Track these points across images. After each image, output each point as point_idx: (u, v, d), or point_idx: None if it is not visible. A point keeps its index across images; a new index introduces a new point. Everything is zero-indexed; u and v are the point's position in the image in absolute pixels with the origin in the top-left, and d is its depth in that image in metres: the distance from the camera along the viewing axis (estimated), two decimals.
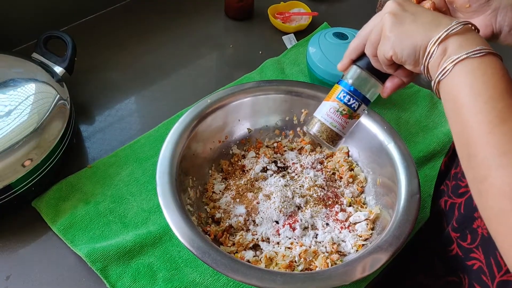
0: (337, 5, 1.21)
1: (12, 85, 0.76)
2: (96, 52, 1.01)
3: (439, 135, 0.90)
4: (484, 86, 0.44)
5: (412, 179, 0.70)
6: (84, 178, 0.79)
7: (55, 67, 0.85)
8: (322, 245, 0.70)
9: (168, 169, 0.69)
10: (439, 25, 0.49)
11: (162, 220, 0.74)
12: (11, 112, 0.73)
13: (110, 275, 0.68)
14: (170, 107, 0.91)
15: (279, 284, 0.58)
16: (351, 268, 0.60)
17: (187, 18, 1.12)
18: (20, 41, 0.99)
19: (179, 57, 1.03)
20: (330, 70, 0.89)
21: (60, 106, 0.77)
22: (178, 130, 0.74)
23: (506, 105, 0.43)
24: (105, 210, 0.75)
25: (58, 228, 0.72)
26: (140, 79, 0.98)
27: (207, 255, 0.60)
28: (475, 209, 0.58)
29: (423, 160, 0.86)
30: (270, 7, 1.12)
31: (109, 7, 1.11)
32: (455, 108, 0.47)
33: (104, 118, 0.90)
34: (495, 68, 0.45)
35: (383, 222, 0.70)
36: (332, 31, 0.95)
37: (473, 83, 0.45)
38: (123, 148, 0.84)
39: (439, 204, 0.68)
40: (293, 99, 0.82)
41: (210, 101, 0.78)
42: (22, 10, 0.96)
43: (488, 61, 0.46)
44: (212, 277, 0.69)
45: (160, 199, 0.65)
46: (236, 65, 1.03)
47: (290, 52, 1.05)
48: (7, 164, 0.69)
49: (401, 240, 0.63)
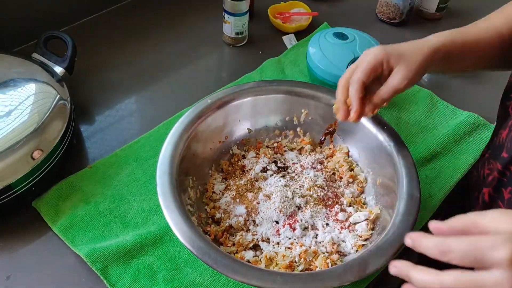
0: (337, 5, 1.21)
1: (12, 85, 0.77)
2: (96, 52, 1.01)
3: (439, 136, 0.90)
4: None
5: (412, 179, 0.70)
6: (84, 178, 0.79)
7: (55, 67, 0.85)
8: (322, 245, 0.70)
9: (168, 169, 0.69)
10: None
11: (162, 220, 0.74)
12: (11, 112, 0.73)
13: (110, 275, 0.68)
14: (170, 107, 0.91)
15: (280, 284, 0.58)
16: (351, 268, 0.60)
17: (187, 18, 1.12)
18: (20, 41, 0.99)
19: (179, 57, 1.03)
20: (330, 70, 0.90)
21: (60, 106, 0.77)
22: (178, 130, 0.74)
23: None
24: (105, 210, 0.75)
25: (58, 228, 0.72)
26: (140, 79, 0.98)
27: (207, 256, 0.60)
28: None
29: (423, 161, 0.86)
30: (270, 7, 1.12)
31: (109, 7, 1.11)
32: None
33: (104, 118, 0.90)
34: None
35: (383, 222, 0.70)
36: (332, 31, 0.95)
37: None
38: (123, 148, 0.84)
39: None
40: (293, 99, 0.82)
41: (210, 101, 0.78)
42: (22, 10, 0.96)
43: None
44: (212, 277, 0.69)
45: (161, 200, 0.65)
46: (236, 65, 1.03)
47: (290, 52, 1.05)
48: (7, 164, 0.69)
49: (401, 240, 0.63)
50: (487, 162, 0.69)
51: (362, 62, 0.67)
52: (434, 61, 0.67)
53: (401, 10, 1.13)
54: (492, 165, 0.66)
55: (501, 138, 0.66)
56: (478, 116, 0.93)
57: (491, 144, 0.71)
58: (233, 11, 1.00)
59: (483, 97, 0.99)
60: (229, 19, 1.01)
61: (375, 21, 1.17)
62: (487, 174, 0.67)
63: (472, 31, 0.69)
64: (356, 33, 0.95)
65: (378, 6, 1.17)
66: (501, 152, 0.64)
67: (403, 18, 1.14)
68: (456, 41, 0.68)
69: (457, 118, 0.93)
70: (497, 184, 0.64)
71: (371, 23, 1.16)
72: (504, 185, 0.62)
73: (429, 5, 1.16)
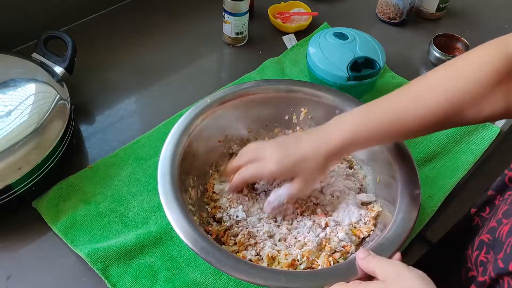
0: (337, 5, 1.21)
1: (12, 85, 0.76)
2: (96, 52, 1.01)
3: (439, 136, 0.90)
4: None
5: (413, 178, 0.70)
6: (84, 178, 0.79)
7: (55, 67, 0.85)
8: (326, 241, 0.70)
9: (169, 169, 0.68)
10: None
11: (162, 220, 0.74)
12: (11, 112, 0.72)
13: (111, 275, 0.68)
14: (170, 107, 0.91)
15: (284, 282, 0.58)
16: (354, 266, 0.60)
17: (187, 18, 1.12)
18: (20, 41, 0.99)
19: (179, 57, 1.03)
20: (330, 70, 0.89)
21: (60, 106, 0.77)
22: (178, 130, 0.74)
23: None
24: (106, 210, 0.75)
25: (58, 228, 0.72)
26: (140, 79, 0.98)
27: (211, 255, 0.60)
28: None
29: (423, 161, 0.86)
30: (270, 7, 1.12)
31: (109, 7, 1.11)
32: None
33: (104, 118, 0.90)
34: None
35: (385, 220, 0.70)
36: (332, 31, 0.95)
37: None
38: (124, 148, 0.84)
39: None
40: (292, 98, 0.82)
41: (210, 101, 0.78)
42: (22, 10, 0.96)
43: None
44: (213, 277, 0.69)
45: (162, 200, 0.65)
46: (236, 65, 1.03)
47: (290, 52, 1.05)
48: (7, 164, 0.69)
49: (402, 238, 0.63)
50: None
51: (257, 170, 0.69)
52: (338, 156, 0.69)
53: (401, 10, 1.13)
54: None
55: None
56: None
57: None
58: (233, 11, 1.00)
59: None
60: (229, 19, 1.01)
61: (375, 21, 1.17)
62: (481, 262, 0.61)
63: (376, 118, 0.64)
64: (356, 33, 0.95)
65: (378, 6, 1.17)
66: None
67: (403, 18, 1.14)
68: (359, 134, 0.65)
69: None
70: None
71: (371, 23, 1.16)
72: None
73: (429, 5, 1.16)
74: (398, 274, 0.53)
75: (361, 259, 0.58)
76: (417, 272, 0.53)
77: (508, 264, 0.50)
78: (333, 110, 0.80)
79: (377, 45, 0.93)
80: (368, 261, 0.57)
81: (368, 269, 0.57)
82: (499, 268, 0.51)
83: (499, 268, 0.51)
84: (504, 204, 0.60)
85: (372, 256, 0.57)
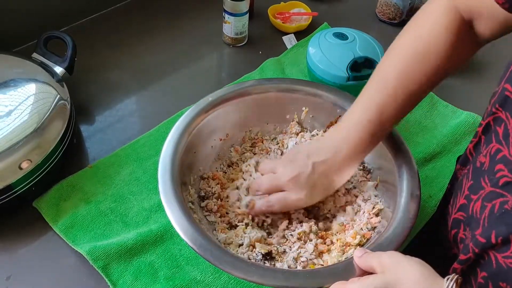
0: (337, 5, 1.21)
1: (13, 85, 0.77)
2: (96, 52, 1.01)
3: (439, 136, 0.90)
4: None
5: (413, 178, 0.70)
6: (84, 178, 0.79)
7: (55, 67, 0.85)
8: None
9: (170, 166, 0.68)
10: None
11: (163, 218, 0.74)
12: (12, 112, 0.73)
13: (112, 273, 0.68)
14: (170, 107, 0.91)
15: (281, 281, 0.58)
16: (352, 265, 0.60)
17: (187, 18, 1.12)
18: (20, 41, 0.99)
19: (179, 57, 1.03)
20: (330, 70, 0.90)
21: (60, 106, 0.77)
22: (179, 128, 0.74)
23: None
24: (106, 210, 0.75)
25: (59, 228, 0.72)
26: (140, 79, 0.98)
27: (209, 253, 0.60)
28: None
29: (423, 161, 0.86)
30: (270, 7, 1.12)
31: (109, 7, 1.11)
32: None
33: (104, 118, 0.90)
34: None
35: (385, 218, 0.70)
36: (332, 31, 0.95)
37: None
38: (124, 148, 0.84)
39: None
40: (294, 97, 0.82)
41: (211, 99, 0.78)
42: (22, 10, 0.96)
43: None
44: (213, 275, 0.69)
45: (162, 198, 0.65)
46: (236, 65, 1.04)
47: (290, 52, 1.05)
48: (7, 164, 0.69)
49: (401, 238, 0.63)
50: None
51: (287, 202, 0.69)
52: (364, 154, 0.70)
53: (401, 10, 1.13)
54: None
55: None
56: (478, 116, 0.92)
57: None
58: (233, 11, 1.00)
59: (483, 97, 0.99)
60: (229, 19, 1.01)
61: (375, 21, 1.17)
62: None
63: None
64: (356, 33, 0.95)
65: (378, 6, 1.17)
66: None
67: (403, 18, 1.14)
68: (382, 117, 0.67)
69: (457, 118, 0.93)
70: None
71: (371, 23, 1.16)
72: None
73: None
74: (397, 263, 0.53)
75: (358, 257, 0.58)
76: (415, 259, 0.53)
77: (489, 238, 0.50)
78: (334, 109, 0.80)
79: (377, 45, 0.93)
80: (365, 258, 0.57)
81: (366, 266, 0.57)
82: (482, 243, 0.51)
83: (482, 243, 0.51)
84: (466, 180, 0.61)
85: (369, 253, 0.58)
